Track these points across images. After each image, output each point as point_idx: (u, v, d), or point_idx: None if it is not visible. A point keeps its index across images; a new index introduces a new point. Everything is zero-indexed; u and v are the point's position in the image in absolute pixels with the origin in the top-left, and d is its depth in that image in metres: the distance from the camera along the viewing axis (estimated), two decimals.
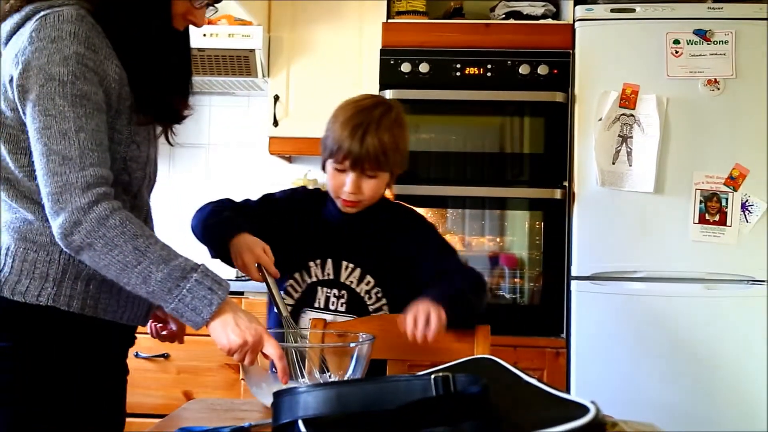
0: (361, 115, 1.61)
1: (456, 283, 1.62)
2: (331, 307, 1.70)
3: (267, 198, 1.79)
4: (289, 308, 1.69)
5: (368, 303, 1.71)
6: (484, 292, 1.69)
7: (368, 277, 1.71)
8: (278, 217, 1.74)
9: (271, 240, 1.61)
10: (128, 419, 1.50)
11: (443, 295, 1.53)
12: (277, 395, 0.95)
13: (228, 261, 1.61)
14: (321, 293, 1.70)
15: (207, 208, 1.68)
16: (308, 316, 1.68)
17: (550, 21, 2.84)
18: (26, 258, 1.26)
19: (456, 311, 1.52)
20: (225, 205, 1.71)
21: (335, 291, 1.70)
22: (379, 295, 1.71)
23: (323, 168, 1.70)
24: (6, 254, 1.27)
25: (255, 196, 1.80)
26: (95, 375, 1.34)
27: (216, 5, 1.42)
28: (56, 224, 1.18)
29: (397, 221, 1.79)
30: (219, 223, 1.62)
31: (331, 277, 1.70)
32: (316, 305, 1.70)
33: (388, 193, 1.83)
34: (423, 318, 1.46)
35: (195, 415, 1.34)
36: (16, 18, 1.26)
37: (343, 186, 1.64)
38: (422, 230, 1.79)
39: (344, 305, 1.70)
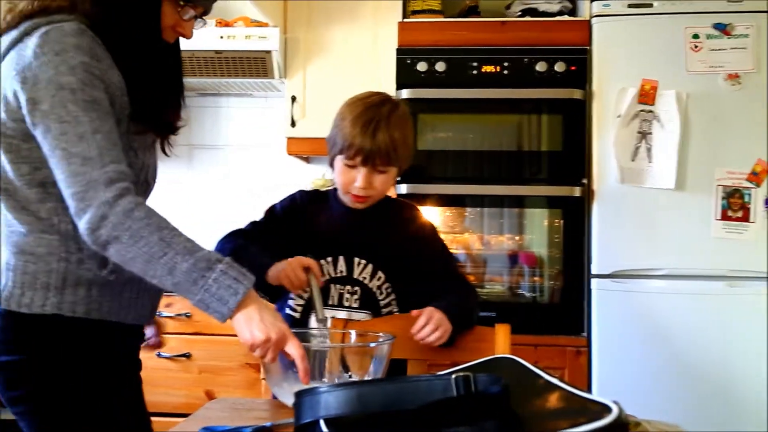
0: (370, 111, 1.63)
1: (463, 297, 1.73)
2: (345, 304, 1.71)
3: (270, 212, 1.80)
4: (300, 307, 1.71)
5: (379, 298, 1.72)
6: (478, 304, 1.81)
7: (379, 273, 1.72)
8: (285, 226, 1.76)
9: (284, 250, 1.63)
10: (151, 418, 1.51)
11: (455, 311, 1.62)
12: (299, 395, 0.95)
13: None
14: (334, 290, 1.71)
15: (224, 252, 1.63)
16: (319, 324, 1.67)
17: (566, 17, 2.83)
18: (26, 270, 1.29)
19: (461, 328, 1.64)
20: (243, 242, 1.69)
21: (348, 287, 1.71)
22: (389, 290, 1.73)
23: (330, 165, 1.72)
24: (7, 269, 1.31)
25: (262, 208, 1.81)
26: (109, 374, 1.37)
27: (204, 18, 1.45)
28: (83, 222, 1.21)
29: (403, 218, 1.83)
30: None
31: (344, 273, 1.71)
32: (330, 303, 1.70)
33: (391, 191, 1.86)
34: (432, 327, 1.56)
35: (217, 415, 1.35)
36: (13, 33, 1.29)
37: (354, 182, 1.66)
38: (428, 230, 1.84)
39: (357, 301, 1.71)
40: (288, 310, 1.72)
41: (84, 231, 1.21)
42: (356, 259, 1.72)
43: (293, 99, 3.03)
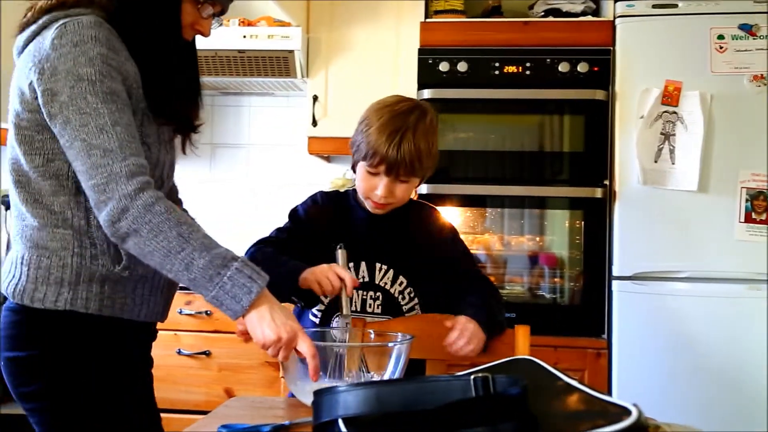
0: (397, 120, 1.60)
1: (488, 300, 1.68)
2: (368, 310, 1.69)
3: (294, 215, 1.77)
4: (320, 313, 1.70)
5: (402, 303, 1.71)
6: (504, 306, 1.77)
7: (401, 278, 1.70)
8: (309, 229, 1.74)
9: (311, 253, 1.62)
10: (171, 415, 1.53)
11: (486, 318, 1.60)
12: (318, 394, 0.96)
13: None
14: (357, 296, 1.69)
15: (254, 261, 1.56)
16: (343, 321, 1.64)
17: (589, 18, 2.81)
18: (40, 265, 1.30)
19: (493, 334, 1.62)
20: (272, 251, 1.66)
21: (371, 293, 1.69)
22: (411, 295, 1.71)
23: (353, 169, 1.70)
24: (21, 263, 1.31)
25: (283, 207, 1.80)
26: (122, 371, 1.37)
27: (220, 18, 1.46)
28: (104, 213, 1.22)
29: (424, 221, 1.80)
30: (281, 275, 1.54)
31: (366, 279, 1.69)
32: (353, 309, 1.67)
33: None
34: (466, 339, 1.54)
35: (236, 413, 1.36)
36: (33, 28, 1.31)
37: (375, 189, 1.63)
38: (449, 232, 1.82)
39: (380, 307, 1.69)
40: (310, 316, 1.71)
41: (104, 222, 1.22)
42: (377, 265, 1.70)
43: (315, 98, 3.03)
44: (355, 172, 1.70)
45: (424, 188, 2.70)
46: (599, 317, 2.62)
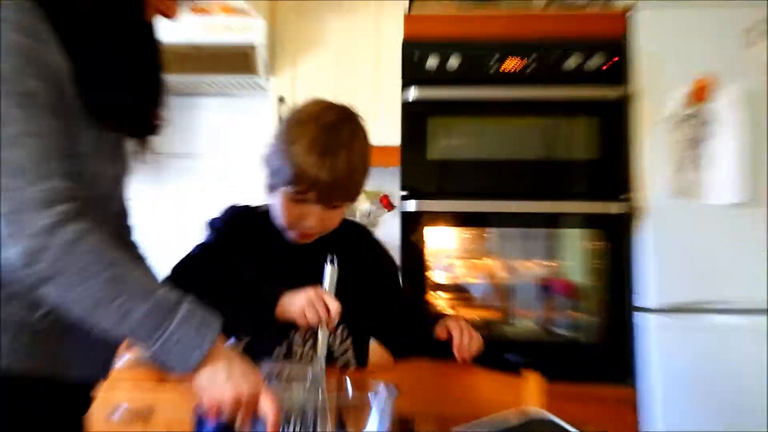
0: (327, 136, 1.51)
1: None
2: (297, 354, 1.57)
3: (214, 228, 1.69)
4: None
5: (333, 347, 1.60)
6: None
7: None
8: (229, 245, 1.65)
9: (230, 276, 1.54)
10: None
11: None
12: None
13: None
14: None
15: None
16: (267, 367, 1.45)
17: (601, 3, 2.77)
18: None
19: None
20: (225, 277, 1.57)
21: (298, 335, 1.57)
22: (344, 335, 1.62)
23: (269, 193, 1.61)
24: None
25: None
26: None
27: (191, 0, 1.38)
28: (15, 251, 1.10)
29: (357, 244, 1.74)
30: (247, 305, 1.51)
31: None
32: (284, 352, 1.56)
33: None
34: (468, 332, 1.56)
35: None
36: None
37: (303, 219, 1.55)
38: (381, 249, 1.80)
39: (311, 349, 1.56)
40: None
41: (16, 263, 1.10)
42: None
43: (281, 100, 2.96)
44: (270, 197, 1.60)
45: (411, 205, 2.57)
46: (624, 359, 2.49)
